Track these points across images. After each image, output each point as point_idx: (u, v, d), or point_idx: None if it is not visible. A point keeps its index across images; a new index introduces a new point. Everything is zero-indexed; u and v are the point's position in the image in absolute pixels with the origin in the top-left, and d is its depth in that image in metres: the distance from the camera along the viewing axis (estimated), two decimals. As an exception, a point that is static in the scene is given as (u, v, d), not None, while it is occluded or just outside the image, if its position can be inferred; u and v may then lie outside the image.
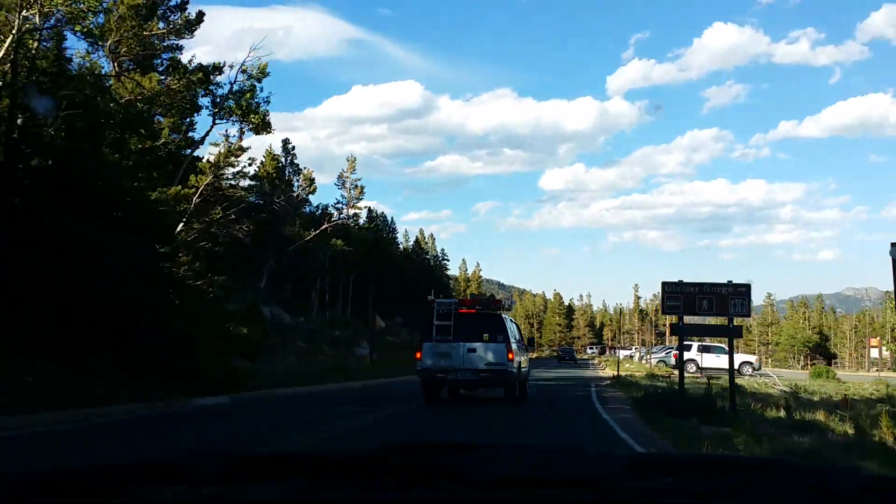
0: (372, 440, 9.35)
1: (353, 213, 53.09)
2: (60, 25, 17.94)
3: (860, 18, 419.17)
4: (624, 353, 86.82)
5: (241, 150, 26.84)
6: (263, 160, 42.49)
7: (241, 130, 25.24)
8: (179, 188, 24.03)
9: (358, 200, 54.08)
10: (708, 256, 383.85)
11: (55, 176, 15.02)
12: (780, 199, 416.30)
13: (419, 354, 15.20)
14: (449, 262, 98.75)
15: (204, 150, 27.93)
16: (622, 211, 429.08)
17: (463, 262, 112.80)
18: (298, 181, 44.52)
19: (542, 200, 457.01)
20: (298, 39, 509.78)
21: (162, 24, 21.99)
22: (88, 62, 20.54)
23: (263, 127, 24.37)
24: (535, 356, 60.22)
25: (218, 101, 24.24)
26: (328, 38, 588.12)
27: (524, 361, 16.76)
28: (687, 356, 43.88)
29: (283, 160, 44.38)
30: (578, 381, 30.38)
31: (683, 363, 15.89)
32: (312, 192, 44.28)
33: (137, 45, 21.03)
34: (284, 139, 45.35)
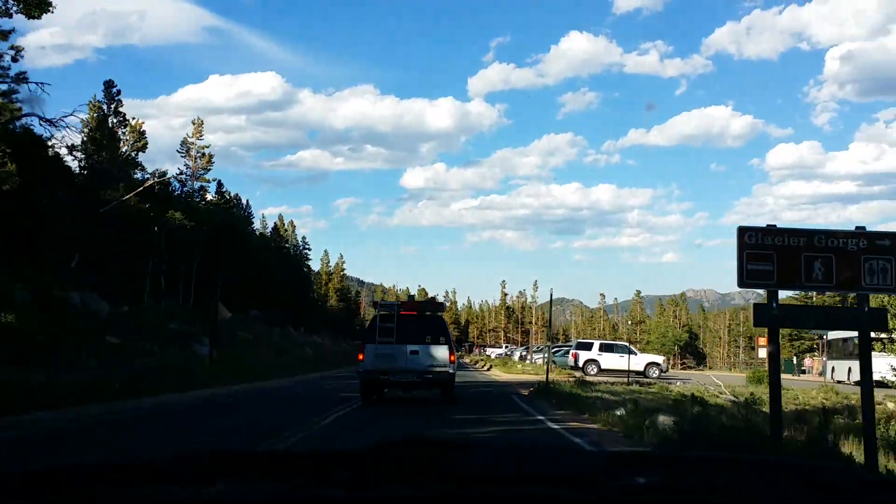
0: None
1: (198, 185, 44.29)
2: None
3: (705, 34, 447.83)
4: (495, 351, 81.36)
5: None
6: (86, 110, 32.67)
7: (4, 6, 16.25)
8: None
9: (206, 172, 45.40)
10: (561, 257, 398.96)
11: None
12: (629, 203, 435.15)
13: (361, 356, 15.40)
14: (311, 251, 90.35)
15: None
16: (481, 211, 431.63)
17: (325, 254, 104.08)
18: (125, 133, 34.86)
19: (403, 198, 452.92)
20: (153, 25, 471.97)
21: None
22: None
23: (38, 5, 15.72)
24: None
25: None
26: (185, 24, 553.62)
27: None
28: (585, 356, 38.72)
29: (105, 108, 34.64)
30: (487, 391, 23.90)
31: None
32: (143, 147, 34.73)
33: None
34: (108, 80, 35.68)
